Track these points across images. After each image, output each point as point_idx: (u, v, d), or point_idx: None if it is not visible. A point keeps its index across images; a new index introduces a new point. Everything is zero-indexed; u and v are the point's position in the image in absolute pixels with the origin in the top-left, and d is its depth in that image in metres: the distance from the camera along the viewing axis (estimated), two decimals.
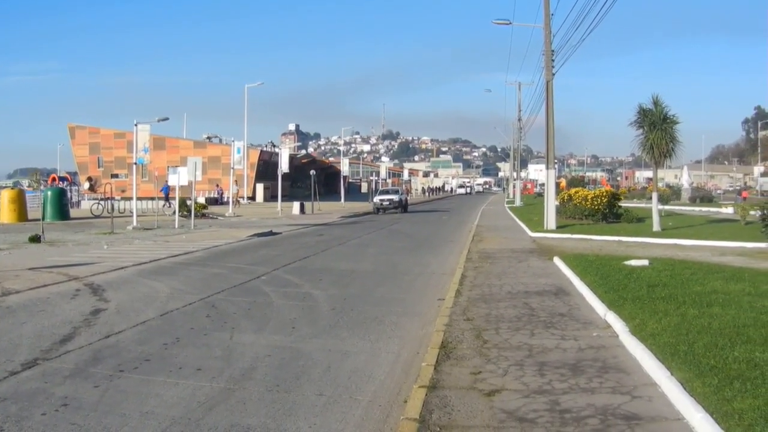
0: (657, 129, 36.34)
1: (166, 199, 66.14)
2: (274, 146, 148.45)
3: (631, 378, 10.19)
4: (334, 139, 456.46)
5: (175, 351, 12.42)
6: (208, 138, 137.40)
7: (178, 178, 45.83)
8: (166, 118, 52.64)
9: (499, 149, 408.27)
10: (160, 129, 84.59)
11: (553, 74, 40.97)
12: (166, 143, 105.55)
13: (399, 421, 8.72)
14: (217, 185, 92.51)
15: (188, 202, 50.82)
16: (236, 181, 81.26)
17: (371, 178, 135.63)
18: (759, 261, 22.99)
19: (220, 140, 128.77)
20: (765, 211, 14.81)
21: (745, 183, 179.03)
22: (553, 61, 40.95)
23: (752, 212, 39.30)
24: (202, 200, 71.52)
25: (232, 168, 70.08)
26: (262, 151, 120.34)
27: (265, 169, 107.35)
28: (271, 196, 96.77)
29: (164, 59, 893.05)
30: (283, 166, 70.63)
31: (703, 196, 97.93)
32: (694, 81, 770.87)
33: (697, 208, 73.41)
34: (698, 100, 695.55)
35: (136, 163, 46.76)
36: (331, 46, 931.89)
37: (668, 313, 13.90)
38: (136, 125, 45.46)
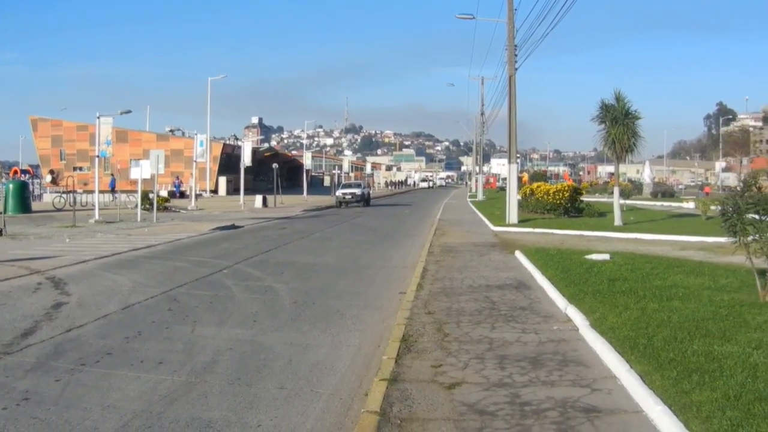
0: (619, 124, 36.60)
1: (112, 192, 65.71)
2: (237, 139, 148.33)
3: (590, 371, 10.26)
4: (297, 132, 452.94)
5: (137, 344, 12.38)
6: (171, 131, 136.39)
7: (140, 171, 45.48)
8: (129, 111, 52.34)
9: (461, 143, 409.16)
10: (123, 122, 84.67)
11: (516, 69, 41.16)
12: (129, 136, 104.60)
13: (360, 414, 8.74)
14: (177, 177, 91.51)
15: (150, 196, 50.51)
16: (192, 174, 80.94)
17: (334, 171, 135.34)
18: (719, 255, 23.15)
19: (183, 133, 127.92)
20: (725, 206, 14.95)
21: (707, 178, 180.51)
22: (516, 55, 41.16)
23: (713, 207, 39.59)
24: (164, 193, 71.09)
25: (195, 161, 69.77)
26: (224, 144, 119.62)
27: (228, 162, 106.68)
28: (233, 190, 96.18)
29: (127, 52, 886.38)
30: (246, 159, 70.32)
31: (665, 191, 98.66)
32: (656, 77, 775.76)
33: (658, 203, 73.95)
34: (661, 96, 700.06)
35: (98, 156, 46.35)
36: (294, 39, 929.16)
37: (628, 306, 14.02)
38: (98, 118, 45.01)
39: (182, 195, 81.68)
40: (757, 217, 14.65)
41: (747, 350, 10.42)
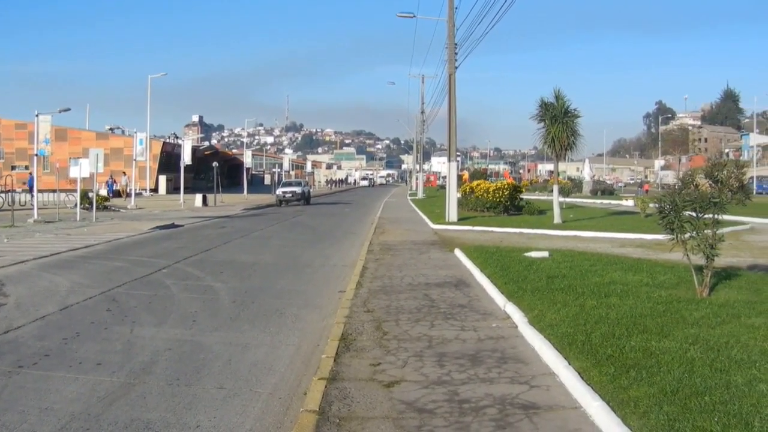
0: (558, 122, 36.81)
1: (30, 191, 64.92)
2: (177, 138, 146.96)
3: (529, 368, 10.30)
4: (237, 130, 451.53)
5: (75, 346, 12.25)
6: (111, 129, 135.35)
7: (79, 170, 45.05)
8: (68, 109, 51.88)
9: (402, 142, 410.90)
10: (62, 120, 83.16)
11: (456, 67, 41.32)
12: (68, 134, 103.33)
13: (299, 413, 8.71)
14: (110, 176, 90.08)
15: (90, 195, 50.07)
16: (124, 172, 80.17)
17: (274, 170, 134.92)
18: (657, 252, 23.39)
19: (123, 132, 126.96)
20: (662, 204, 15.12)
21: (646, 176, 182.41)
22: (456, 54, 41.29)
23: (651, 204, 39.98)
24: (104, 192, 70.46)
25: (135, 160, 69.35)
26: (164, 142, 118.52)
27: (168, 160, 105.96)
28: (173, 188, 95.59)
29: (65, 49, 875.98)
30: (186, 157, 69.95)
31: (605, 189, 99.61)
32: (596, 76, 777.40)
33: (598, 201, 74.62)
34: (601, 95, 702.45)
35: (37, 155, 46.00)
36: (235, 37, 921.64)
37: (567, 303, 14.11)
38: (37, 116, 44.66)
39: (117, 194, 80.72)
40: (694, 214, 14.82)
41: (684, 346, 10.53)
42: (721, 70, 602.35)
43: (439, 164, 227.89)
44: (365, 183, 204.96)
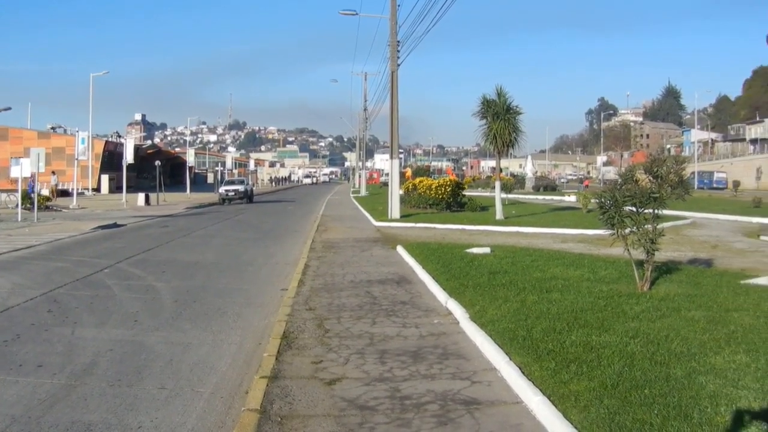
0: (500, 119, 37.05)
1: None
2: (120, 137, 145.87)
3: (470, 364, 10.35)
4: (180, 129, 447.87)
5: (16, 348, 12.10)
6: (53, 128, 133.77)
7: (20, 170, 44.65)
8: (9, 108, 51.64)
9: (345, 139, 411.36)
10: (3, 119, 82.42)
11: (399, 65, 41.38)
12: (9, 134, 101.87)
13: (241, 412, 8.70)
14: (32, 176, 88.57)
15: (31, 195, 49.57)
16: (53, 171, 79.24)
17: (217, 168, 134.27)
18: (599, 247, 23.61)
19: (65, 131, 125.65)
20: (602, 200, 15.33)
21: (588, 172, 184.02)
22: (398, 51, 41.34)
23: (593, 200, 40.29)
24: (45, 192, 69.69)
25: (77, 159, 68.76)
26: (107, 141, 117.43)
27: (111, 159, 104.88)
28: (116, 188, 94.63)
29: (6, 46, 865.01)
30: (128, 156, 69.40)
31: (547, 185, 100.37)
32: (539, 73, 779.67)
33: (540, 197, 75.37)
34: (543, 92, 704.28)
35: None
36: (177, 35, 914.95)
37: (508, 299, 14.20)
38: None
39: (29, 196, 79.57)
40: (634, 209, 14.95)
41: (624, 340, 10.64)
42: (662, 67, 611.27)
43: (382, 161, 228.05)
44: (308, 181, 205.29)
